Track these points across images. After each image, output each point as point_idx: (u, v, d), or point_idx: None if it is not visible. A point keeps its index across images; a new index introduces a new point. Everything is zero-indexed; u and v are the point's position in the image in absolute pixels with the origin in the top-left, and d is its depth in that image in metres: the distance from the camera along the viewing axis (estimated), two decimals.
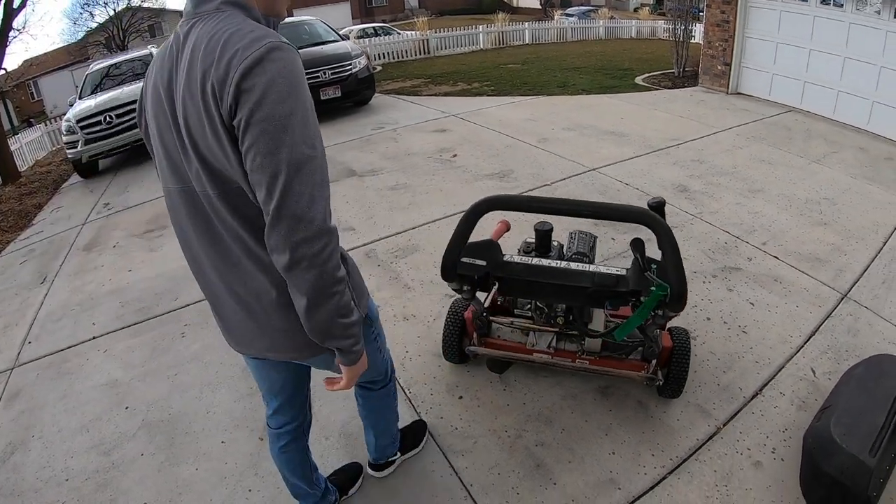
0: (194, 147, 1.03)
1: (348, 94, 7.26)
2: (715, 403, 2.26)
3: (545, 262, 1.70)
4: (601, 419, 2.19)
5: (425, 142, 5.96)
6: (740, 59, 7.21)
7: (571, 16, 21.47)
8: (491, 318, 2.22)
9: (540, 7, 32.33)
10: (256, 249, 1.11)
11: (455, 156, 5.38)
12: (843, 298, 2.90)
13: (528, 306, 2.15)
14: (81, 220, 5.23)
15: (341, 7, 33.95)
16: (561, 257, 2.04)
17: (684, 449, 2.06)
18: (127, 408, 2.50)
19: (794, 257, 3.28)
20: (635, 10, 32.35)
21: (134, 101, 6.57)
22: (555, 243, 2.08)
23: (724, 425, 2.16)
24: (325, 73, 7.04)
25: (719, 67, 7.40)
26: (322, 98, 7.03)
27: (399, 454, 2.02)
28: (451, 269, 1.70)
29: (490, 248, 1.78)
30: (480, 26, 15.18)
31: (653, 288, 1.52)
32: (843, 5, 5.82)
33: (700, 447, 2.06)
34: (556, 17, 20.87)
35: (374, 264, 3.49)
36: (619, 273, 1.63)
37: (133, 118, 6.52)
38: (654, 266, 1.64)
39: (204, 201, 1.09)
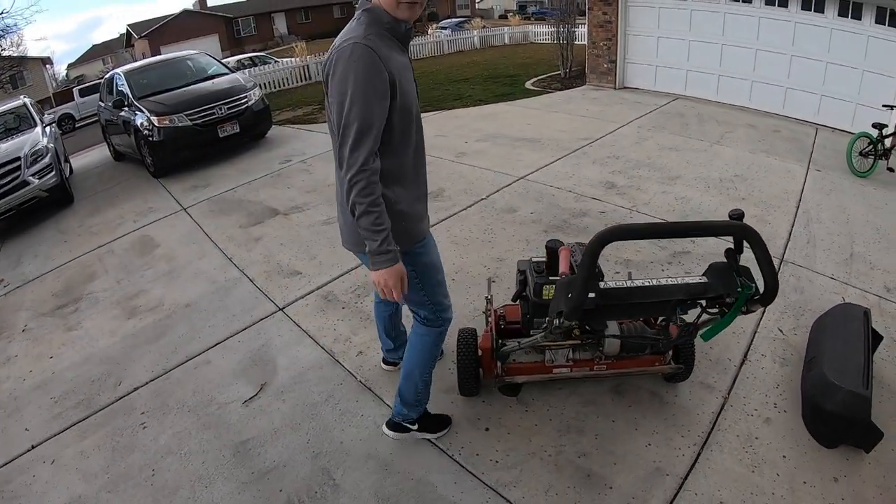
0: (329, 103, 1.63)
1: (246, 129, 6.81)
2: (714, 377, 2.44)
3: (638, 282, 1.72)
4: (626, 416, 2.27)
5: None
6: (625, 56, 7.90)
7: (445, 28, 22.16)
8: (505, 343, 2.21)
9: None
10: (339, 172, 1.67)
11: None
12: (781, 262, 3.27)
13: (545, 325, 2.16)
14: None
15: (209, 39, 32.36)
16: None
17: (705, 424, 2.20)
18: None
19: None
20: (500, 17, 34.13)
21: (14, 160, 5.62)
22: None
23: (729, 394, 2.34)
24: (220, 109, 6.53)
25: (605, 65, 8.05)
26: (220, 136, 6.54)
27: (416, 426, 2.18)
28: (582, 307, 1.63)
29: (595, 280, 1.75)
30: None
31: (739, 290, 1.62)
32: None
33: (717, 419, 2.23)
34: (430, 31, 21.36)
35: (337, 307, 3.26)
36: (703, 281, 1.71)
37: (15, 177, 5.57)
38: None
39: (331, 136, 1.72)
